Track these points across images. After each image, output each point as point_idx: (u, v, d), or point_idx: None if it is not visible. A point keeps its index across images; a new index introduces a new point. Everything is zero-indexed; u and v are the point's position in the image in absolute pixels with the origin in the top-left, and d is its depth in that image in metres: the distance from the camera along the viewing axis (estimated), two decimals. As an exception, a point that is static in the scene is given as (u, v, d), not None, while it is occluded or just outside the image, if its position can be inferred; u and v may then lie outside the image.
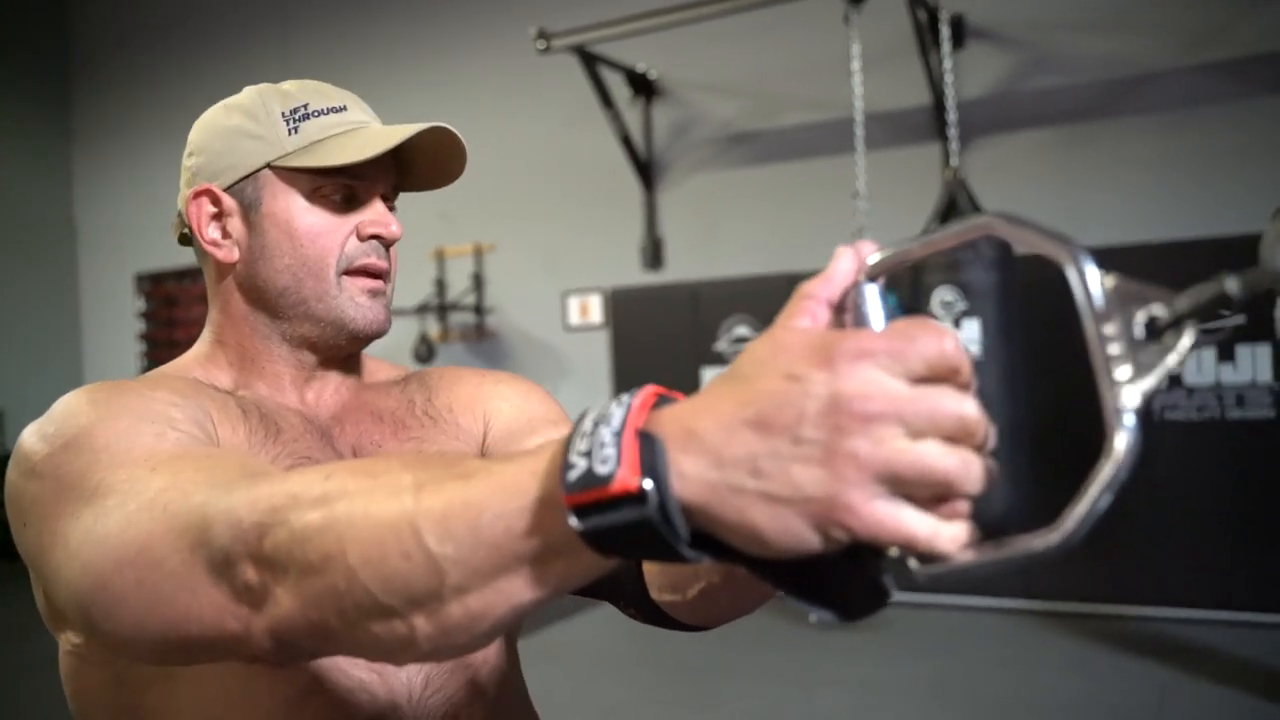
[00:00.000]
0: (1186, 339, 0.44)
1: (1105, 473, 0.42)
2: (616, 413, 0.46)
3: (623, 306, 6.25)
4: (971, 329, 3.76)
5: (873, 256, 0.51)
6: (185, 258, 7.77)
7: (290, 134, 0.91)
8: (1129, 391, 0.43)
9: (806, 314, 0.51)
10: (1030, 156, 5.22)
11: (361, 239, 0.93)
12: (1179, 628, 4.56)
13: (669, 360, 5.90)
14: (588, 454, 0.45)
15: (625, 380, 6.16)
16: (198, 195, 0.94)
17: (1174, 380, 4.60)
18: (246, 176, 0.92)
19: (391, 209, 0.99)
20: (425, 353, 6.72)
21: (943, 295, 3.80)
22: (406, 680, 0.86)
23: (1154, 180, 4.96)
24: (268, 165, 0.92)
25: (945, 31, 4.46)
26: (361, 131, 0.91)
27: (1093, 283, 0.44)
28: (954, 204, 4.02)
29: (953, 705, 3.81)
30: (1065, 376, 4.14)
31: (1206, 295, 0.43)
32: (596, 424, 0.46)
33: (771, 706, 3.89)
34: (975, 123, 5.21)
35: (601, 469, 0.44)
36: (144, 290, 8.44)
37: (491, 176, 6.81)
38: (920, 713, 3.76)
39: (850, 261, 0.52)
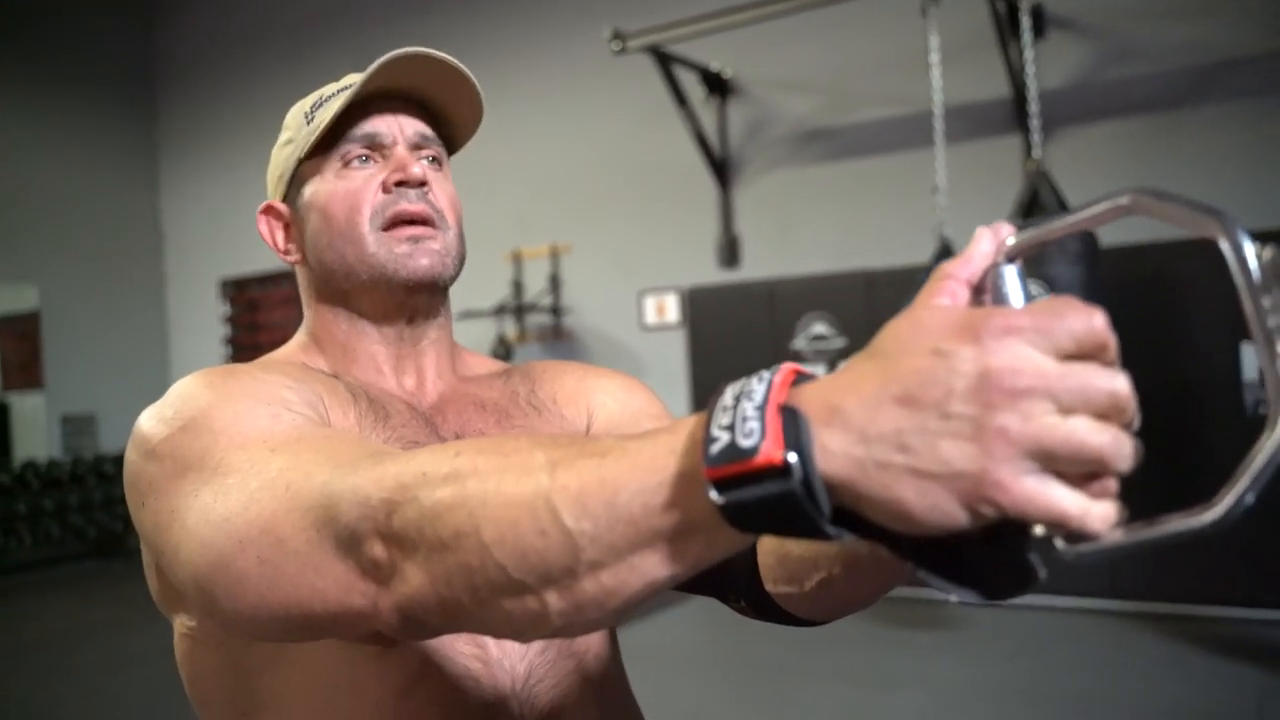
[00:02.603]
0: None
1: (1268, 450, 0.41)
2: (758, 388, 0.46)
3: (699, 305, 6.24)
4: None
5: (1011, 237, 0.51)
6: (268, 263, 7.96)
7: (308, 125, 0.94)
8: None
9: (946, 293, 0.50)
10: (1113, 147, 5.11)
11: (387, 191, 0.92)
12: (1278, 631, 4.42)
13: (745, 359, 5.88)
14: (730, 428, 0.45)
15: (702, 380, 6.15)
16: (263, 213, 0.99)
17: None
18: (290, 182, 0.96)
19: (435, 156, 0.97)
20: (503, 354, 6.78)
21: (1029, 289, 3.73)
22: (510, 669, 0.86)
23: (1239, 169, 4.82)
24: (298, 162, 0.95)
25: (1026, 22, 4.38)
26: (352, 88, 0.91)
27: (1250, 255, 0.43)
28: (1036, 196, 3.95)
29: (1039, 708, 3.73)
30: (1154, 376, 4.03)
31: None
32: (738, 399, 0.46)
33: (851, 708, 3.85)
34: (1056, 114, 5.11)
35: (745, 442, 0.44)
36: (228, 295, 8.65)
37: (567, 177, 6.86)
38: (1004, 716, 3.69)
39: (989, 243, 0.51)
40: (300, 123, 0.95)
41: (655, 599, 0.54)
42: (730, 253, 6.24)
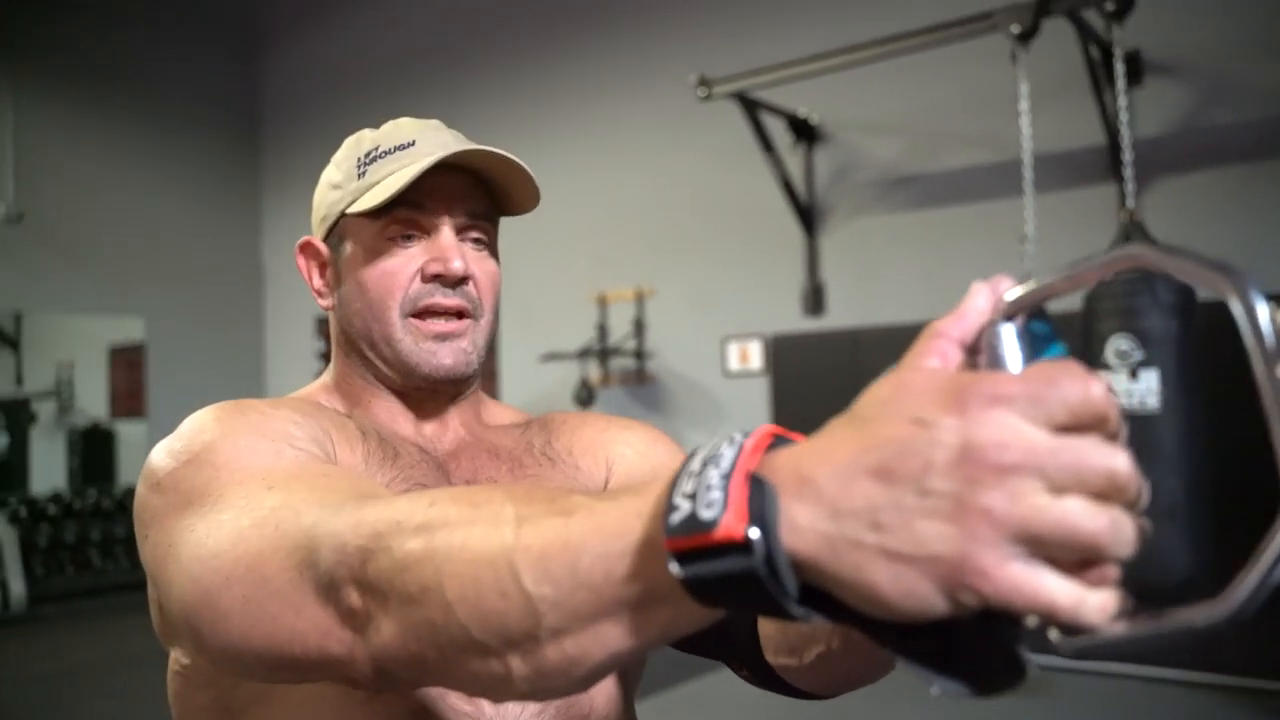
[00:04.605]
0: None
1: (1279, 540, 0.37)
2: (727, 453, 0.43)
3: (783, 352, 6.18)
4: (1149, 380, 3.55)
5: (1011, 292, 0.47)
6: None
7: (359, 178, 0.92)
8: None
9: (936, 353, 0.47)
10: (1211, 195, 4.93)
11: (425, 279, 0.91)
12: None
13: (828, 407, 5.70)
14: (693, 496, 0.42)
15: (785, 427, 6.07)
16: (303, 247, 0.98)
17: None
18: (332, 227, 0.95)
19: (480, 238, 0.94)
20: (586, 396, 6.80)
21: (1118, 344, 3.60)
22: None
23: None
24: (342, 213, 0.93)
25: (1120, 68, 4.27)
26: (411, 167, 0.89)
27: (1263, 317, 0.39)
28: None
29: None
30: (1254, 432, 3.86)
31: None
32: (705, 464, 0.43)
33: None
34: (1152, 161, 4.96)
35: (706, 513, 0.41)
36: (324, 332, 8.87)
37: (653, 221, 6.88)
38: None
39: (985, 298, 0.47)
40: (351, 171, 0.94)
41: (685, 661, 0.51)
42: (815, 300, 6.17)
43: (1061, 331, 3.87)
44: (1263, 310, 0.39)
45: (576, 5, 7.41)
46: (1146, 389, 3.54)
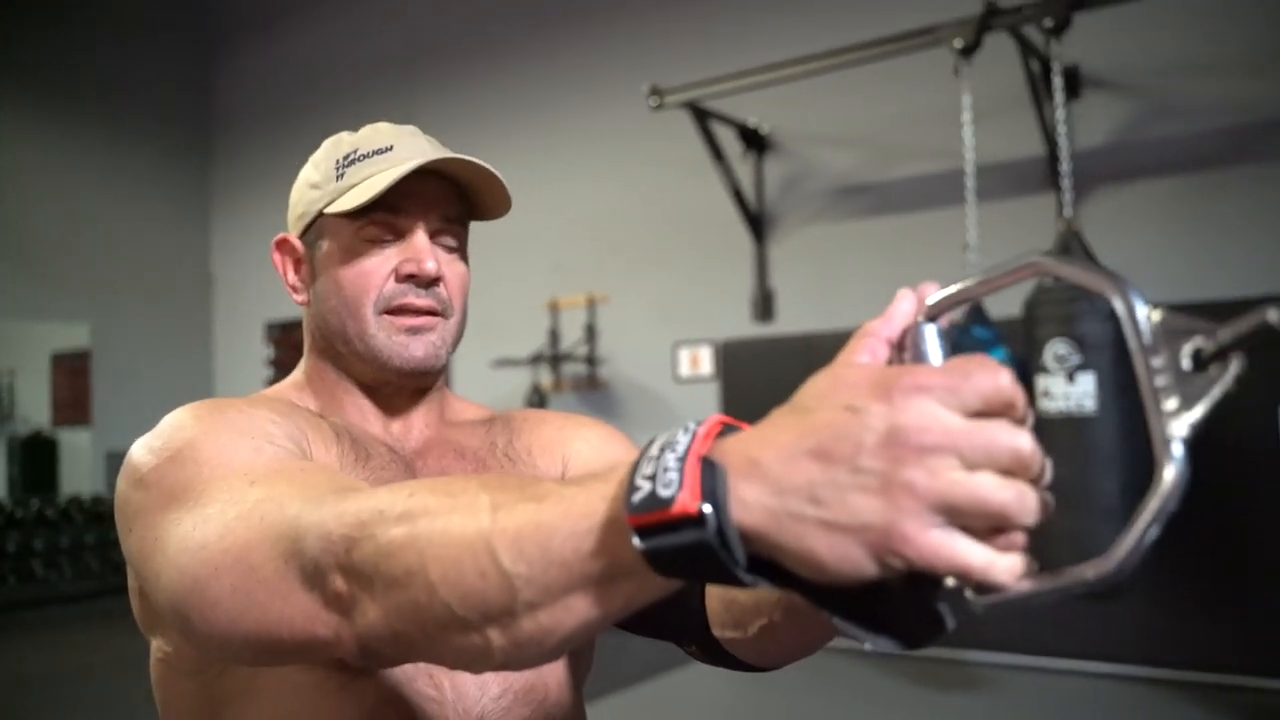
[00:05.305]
0: (1232, 370, 0.45)
1: (1154, 504, 0.44)
2: (682, 439, 0.49)
3: (733, 358, 6.26)
4: (1086, 383, 3.67)
5: (932, 297, 0.54)
6: (311, 307, 8.10)
7: (338, 179, 0.96)
8: (1177, 423, 0.45)
9: (866, 350, 0.54)
10: (1150, 207, 5.09)
11: (399, 279, 0.94)
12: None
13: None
14: (652, 478, 0.48)
15: (733, 431, 6.13)
16: (279, 244, 1.01)
17: (1308, 439, 4.39)
18: (310, 225, 0.98)
19: (451, 243, 0.98)
20: (538, 402, 6.83)
21: (1056, 349, 3.72)
22: (465, 711, 0.88)
23: (1276, 231, 4.78)
24: (320, 213, 0.97)
25: (1058, 82, 4.40)
26: (390, 171, 0.92)
27: (1141, 317, 0.46)
28: (1067, 255, 3.94)
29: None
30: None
31: (1249, 327, 0.45)
32: (663, 449, 0.49)
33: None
34: (1092, 173, 5.11)
35: (664, 492, 0.46)
36: (273, 338, 8.81)
37: (605, 228, 6.94)
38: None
39: (910, 302, 0.55)
40: (330, 172, 0.97)
41: (650, 661, 0.56)
42: (765, 306, 6.27)
43: (1004, 337, 3.98)
44: (1141, 311, 0.46)
45: (530, 16, 7.45)
46: (1084, 392, 3.66)
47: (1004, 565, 0.44)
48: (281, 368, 8.71)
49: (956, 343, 3.88)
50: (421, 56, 7.98)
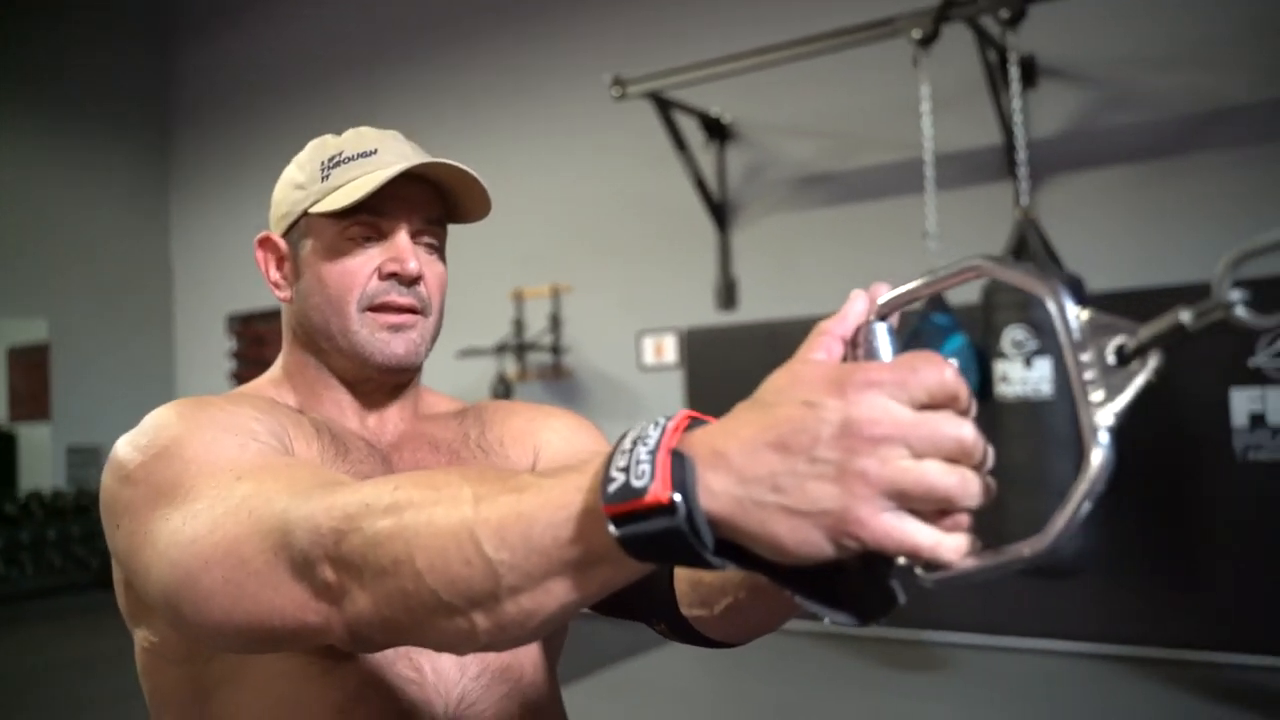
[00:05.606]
0: (1151, 364, 0.49)
1: (1084, 485, 0.48)
2: (653, 433, 0.52)
3: (697, 346, 6.31)
4: (1043, 368, 3.75)
5: (882, 297, 0.58)
6: (274, 299, 8.05)
7: (323, 180, 0.98)
8: (1103, 412, 0.49)
9: (822, 348, 0.58)
10: (1105, 194, 5.19)
11: (382, 278, 0.98)
12: (1272, 676, 4.42)
13: (742, 398, 5.89)
14: (626, 469, 0.51)
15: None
16: (262, 242, 1.04)
17: (1258, 420, 4.50)
18: (294, 224, 1.01)
19: (431, 242, 1.02)
20: (503, 391, 6.84)
21: (1013, 334, 3.80)
22: (445, 692, 0.91)
23: (1229, 219, 4.89)
24: (305, 212, 1.00)
25: (1014, 72, 4.48)
26: (375, 174, 0.96)
27: (1071, 316, 0.51)
28: (1024, 243, 4.02)
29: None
30: (1147, 423, 4.08)
31: (1164, 326, 0.49)
32: (635, 443, 0.53)
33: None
34: (1048, 161, 5.20)
35: (637, 483, 0.50)
36: (235, 330, 8.74)
37: (569, 218, 6.95)
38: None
39: (862, 302, 0.59)
40: (315, 172, 0.99)
41: (626, 642, 0.59)
42: (728, 294, 6.32)
43: (962, 323, 4.06)
44: (1070, 311, 0.50)
45: (492, 7, 7.44)
46: (1040, 377, 3.74)
47: (950, 544, 0.48)
48: (244, 359, 8.65)
49: (917, 329, 3.95)
50: (383, 48, 7.95)
